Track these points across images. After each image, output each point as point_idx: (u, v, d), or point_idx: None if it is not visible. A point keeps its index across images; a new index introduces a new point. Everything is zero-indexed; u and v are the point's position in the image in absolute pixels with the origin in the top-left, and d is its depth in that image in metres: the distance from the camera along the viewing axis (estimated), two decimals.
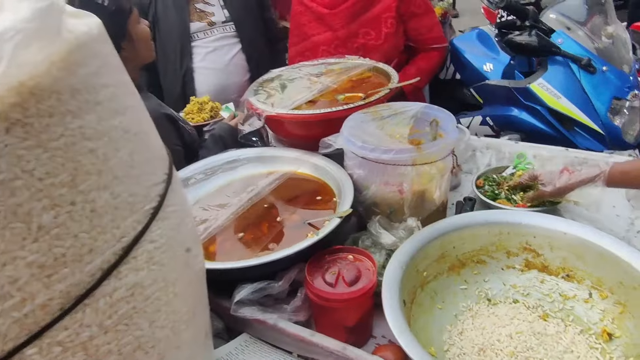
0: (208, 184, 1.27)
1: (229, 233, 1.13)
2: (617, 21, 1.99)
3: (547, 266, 1.07)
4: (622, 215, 1.26)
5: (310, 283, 0.93)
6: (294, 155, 1.31)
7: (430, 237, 1.06)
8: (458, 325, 1.00)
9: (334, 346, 0.86)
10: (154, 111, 1.38)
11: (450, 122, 1.17)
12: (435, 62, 2.02)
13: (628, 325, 0.92)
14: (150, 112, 1.41)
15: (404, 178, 1.09)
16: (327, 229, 1.01)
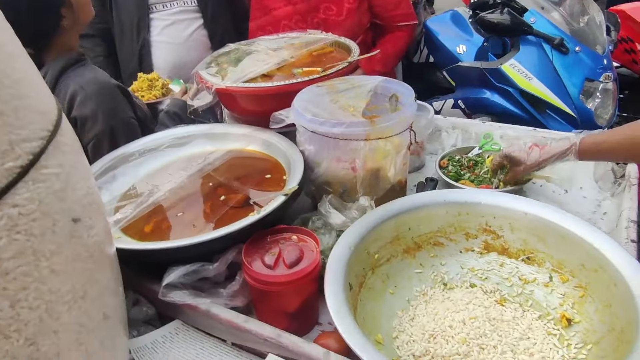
0: (153, 160, 1.17)
1: (168, 212, 1.04)
2: (593, 2, 1.94)
3: (507, 248, 1.00)
4: (589, 197, 1.21)
5: (247, 265, 0.85)
6: (244, 132, 1.22)
7: (383, 218, 0.98)
8: (410, 311, 0.93)
9: (268, 333, 0.79)
10: (105, 81, 1.31)
11: (409, 96, 1.10)
12: (403, 44, 1.93)
13: (588, 309, 0.86)
14: (101, 81, 1.35)
15: (357, 154, 1.02)
16: (269, 208, 0.93)
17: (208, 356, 0.81)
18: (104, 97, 1.26)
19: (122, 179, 1.11)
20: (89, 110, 1.25)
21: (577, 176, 1.27)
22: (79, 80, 1.26)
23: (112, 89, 1.31)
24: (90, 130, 1.28)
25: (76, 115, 1.25)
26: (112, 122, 1.24)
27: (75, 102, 1.25)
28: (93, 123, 1.27)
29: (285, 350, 0.77)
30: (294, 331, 0.89)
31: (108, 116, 1.24)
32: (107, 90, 1.29)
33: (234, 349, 0.84)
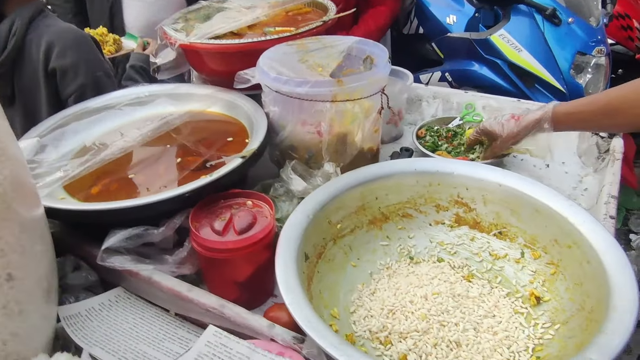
0: (109, 119, 1.10)
1: (119, 173, 0.97)
2: None
3: (479, 222, 0.94)
4: (571, 172, 1.14)
5: (194, 230, 0.79)
6: (208, 92, 1.15)
7: (348, 186, 0.92)
8: (371, 285, 0.87)
9: (211, 303, 0.73)
10: (80, 31, 1.28)
11: (383, 57, 1.02)
12: (385, 19, 1.85)
13: (559, 287, 0.81)
14: (77, 31, 1.24)
15: (322, 117, 0.95)
16: (222, 171, 0.86)
17: (147, 326, 0.75)
18: (83, 47, 1.23)
19: (73, 137, 1.03)
20: (69, 61, 1.22)
21: (560, 150, 1.20)
22: (53, 30, 1.22)
23: (88, 40, 1.28)
24: (72, 81, 1.25)
25: (55, 66, 1.23)
26: (95, 74, 1.20)
27: (52, 53, 1.22)
28: (75, 74, 1.24)
29: (228, 321, 0.71)
30: (246, 302, 0.83)
31: (90, 67, 1.20)
32: (85, 40, 1.27)
33: (177, 319, 0.78)
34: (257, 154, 0.92)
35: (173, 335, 0.74)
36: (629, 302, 0.65)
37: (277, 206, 0.95)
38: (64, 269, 0.85)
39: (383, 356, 0.75)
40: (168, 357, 0.69)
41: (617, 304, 0.65)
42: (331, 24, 1.22)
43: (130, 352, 0.70)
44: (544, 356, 0.72)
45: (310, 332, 0.63)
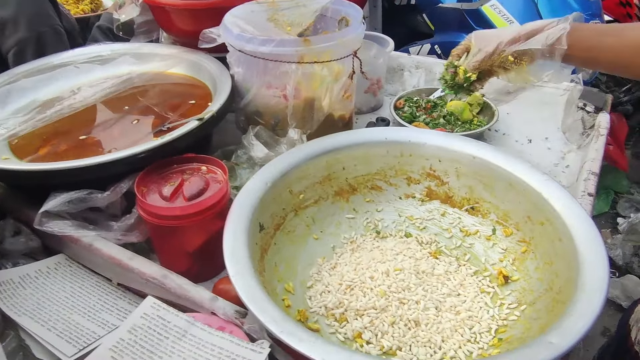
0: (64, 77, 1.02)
1: (71, 135, 0.91)
2: None
3: (452, 197, 0.89)
4: (553, 149, 1.09)
5: (139, 195, 0.73)
6: (173, 52, 1.08)
7: (312, 154, 0.86)
8: (333, 259, 0.82)
9: (152, 273, 0.67)
10: None
11: (357, 17, 0.95)
12: None
13: (529, 266, 0.76)
14: None
15: (288, 79, 0.88)
16: (176, 133, 0.80)
17: (86, 295, 0.70)
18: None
19: (21, 95, 0.96)
20: (9, 12, 1.12)
21: (543, 126, 1.15)
22: None
23: None
24: (10, 35, 1.15)
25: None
26: (38, 28, 1.10)
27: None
28: (14, 27, 1.14)
29: (169, 293, 0.66)
30: (197, 274, 0.78)
31: (32, 21, 1.11)
32: None
33: (119, 289, 0.73)
34: (216, 118, 0.86)
35: (112, 306, 0.69)
36: (597, 282, 0.60)
37: (237, 173, 0.90)
38: (3, 233, 0.80)
39: (337, 333, 0.70)
40: (102, 329, 0.65)
41: (585, 284, 0.60)
42: None
43: (62, 322, 0.65)
44: (507, 338, 0.68)
45: (251, 305, 0.58)
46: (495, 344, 0.68)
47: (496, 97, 1.21)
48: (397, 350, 0.67)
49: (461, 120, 1.14)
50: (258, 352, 0.57)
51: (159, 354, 0.59)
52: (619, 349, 0.85)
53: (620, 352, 0.85)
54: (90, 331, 0.64)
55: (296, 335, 0.55)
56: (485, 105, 1.17)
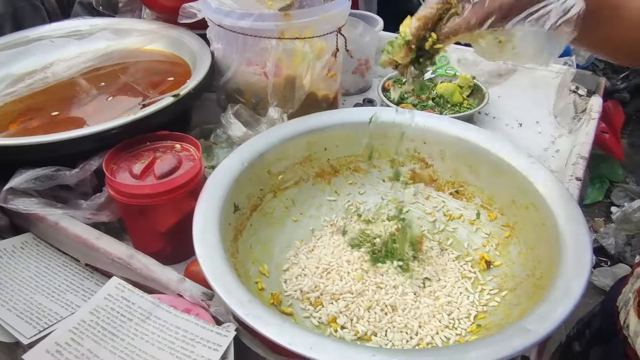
0: (39, 52, 0.99)
1: (43, 111, 0.88)
2: None
3: (436, 180, 0.86)
4: (544, 133, 1.06)
5: (107, 173, 0.70)
6: (153, 28, 1.04)
7: (293, 133, 0.83)
8: (311, 242, 0.80)
9: (118, 253, 0.65)
10: None
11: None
12: None
13: (512, 251, 0.73)
14: None
15: (268, 55, 0.85)
16: (150, 109, 0.77)
17: (51, 275, 0.68)
18: None
19: None
20: None
21: (535, 110, 1.12)
22: None
23: None
24: None
25: None
26: (14, 4, 1.06)
27: None
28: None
29: (135, 273, 0.63)
30: (171, 255, 0.76)
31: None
32: None
33: (87, 269, 0.70)
34: (193, 95, 0.83)
35: (78, 286, 0.67)
36: (579, 268, 0.58)
37: (214, 152, 0.87)
38: None
39: (311, 318, 0.68)
40: (66, 310, 0.62)
41: (566, 270, 0.58)
42: None
43: (24, 302, 0.62)
44: (486, 324, 0.65)
45: (217, 287, 0.56)
46: (473, 330, 0.65)
47: (487, 80, 1.18)
48: (372, 335, 0.65)
49: (451, 103, 1.11)
50: (223, 335, 0.55)
51: (121, 336, 0.56)
52: (604, 332, 0.83)
53: (605, 335, 0.82)
54: (52, 312, 0.62)
55: (262, 318, 0.52)
56: (475, 87, 1.14)
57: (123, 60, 0.98)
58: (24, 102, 0.89)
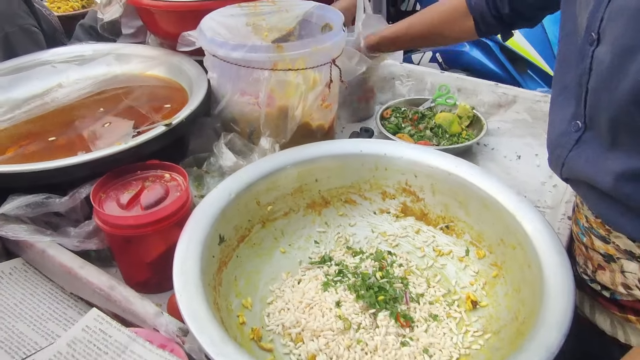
0: (40, 77, 1.01)
1: (41, 136, 0.89)
2: None
3: (427, 214, 0.86)
4: (543, 166, 1.04)
5: (94, 203, 0.71)
6: (154, 54, 1.06)
7: (283, 164, 0.83)
8: (297, 275, 0.79)
9: (99, 283, 0.65)
10: None
11: (337, 23, 0.93)
12: None
13: (498, 292, 0.72)
14: None
15: (261, 86, 0.86)
16: (141, 138, 0.78)
17: (36, 303, 0.68)
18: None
19: None
20: None
21: (535, 142, 1.11)
22: None
23: None
24: None
25: None
26: (4, 29, 1.08)
27: None
28: None
29: (115, 305, 0.64)
30: (157, 284, 0.77)
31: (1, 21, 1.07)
32: None
33: (71, 298, 0.71)
34: (186, 124, 0.84)
35: (61, 315, 0.67)
36: (560, 316, 0.56)
37: (206, 182, 0.87)
38: None
39: (291, 354, 0.67)
40: (45, 340, 0.63)
41: (547, 317, 0.57)
42: None
43: (5, 330, 0.63)
44: None
45: (191, 324, 0.55)
46: None
47: (487, 110, 1.18)
48: None
49: (449, 133, 1.11)
50: None
51: None
52: None
53: None
54: (32, 342, 0.62)
55: (232, 359, 0.52)
56: (475, 118, 1.14)
57: (123, 85, 0.99)
58: (24, 127, 0.91)
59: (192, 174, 0.87)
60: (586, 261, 0.74)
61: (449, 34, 1.02)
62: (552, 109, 0.72)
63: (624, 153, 0.59)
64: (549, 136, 0.72)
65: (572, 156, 0.66)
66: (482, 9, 0.94)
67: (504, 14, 0.92)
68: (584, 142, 0.64)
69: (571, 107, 0.66)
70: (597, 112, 0.61)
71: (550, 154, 0.72)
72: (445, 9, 1.01)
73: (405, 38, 1.07)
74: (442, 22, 1.02)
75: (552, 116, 0.72)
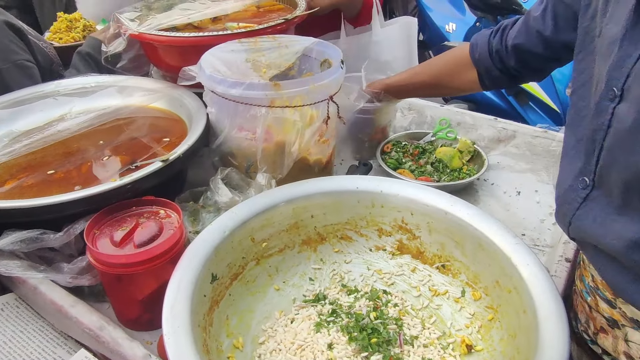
0: (42, 110, 1.03)
1: (40, 169, 0.90)
2: None
3: (423, 252, 0.85)
4: (542, 203, 1.04)
5: (87, 241, 0.71)
6: (156, 87, 1.07)
7: (278, 200, 0.83)
8: (291, 313, 0.78)
9: (89, 323, 0.65)
10: None
11: (336, 60, 0.94)
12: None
13: (494, 336, 0.71)
14: None
15: (258, 122, 0.86)
16: (136, 175, 0.78)
17: (25, 341, 0.68)
18: None
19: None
20: None
21: (534, 179, 1.10)
22: None
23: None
24: None
25: None
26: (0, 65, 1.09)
27: None
28: None
29: (102, 346, 0.63)
30: (148, 321, 0.76)
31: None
32: None
33: (61, 336, 0.70)
34: (182, 159, 0.84)
35: (49, 354, 0.67)
36: None
37: (201, 217, 0.87)
38: None
39: None
40: None
41: None
42: (297, 22, 1.13)
43: None
44: None
45: None
46: None
47: (487, 145, 1.18)
48: None
49: (450, 168, 1.10)
50: None
51: None
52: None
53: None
54: None
55: None
56: (475, 153, 1.13)
57: (124, 117, 1.00)
58: (23, 158, 0.92)
59: (188, 209, 0.87)
60: (588, 320, 0.71)
61: (453, 84, 1.01)
62: (563, 161, 0.69)
63: (637, 217, 0.56)
64: (557, 190, 0.70)
65: (580, 215, 0.63)
66: (486, 63, 0.92)
67: (510, 67, 0.89)
68: (591, 200, 0.62)
69: (580, 162, 0.63)
70: (610, 172, 0.58)
71: (557, 210, 0.69)
72: (450, 59, 1.01)
73: (409, 87, 1.07)
74: (446, 73, 1.01)
75: (562, 169, 0.69)
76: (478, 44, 0.92)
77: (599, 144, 0.58)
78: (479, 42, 0.92)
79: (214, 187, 0.87)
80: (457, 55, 0.98)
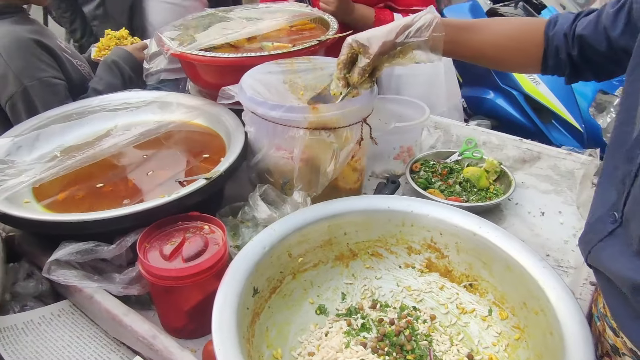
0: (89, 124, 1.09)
1: (90, 181, 0.96)
2: None
3: (451, 271, 0.89)
4: (566, 224, 1.07)
5: (140, 254, 0.76)
6: (196, 104, 1.13)
7: (314, 218, 0.87)
8: (325, 327, 0.83)
9: (143, 332, 0.70)
10: (19, 36, 1.21)
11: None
12: None
13: (520, 356, 0.74)
14: (13, 36, 1.18)
15: (296, 143, 0.91)
16: (183, 191, 0.83)
17: (82, 347, 0.73)
18: (14, 53, 1.17)
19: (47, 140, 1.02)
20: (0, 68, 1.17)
21: (558, 200, 1.13)
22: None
23: (25, 45, 1.20)
24: (3, 90, 1.20)
25: None
26: (25, 82, 1.16)
27: None
28: (4, 82, 1.19)
29: (156, 354, 0.68)
30: (193, 331, 0.81)
31: (20, 75, 1.15)
32: (18, 45, 1.20)
33: (115, 342, 0.75)
34: (224, 176, 0.89)
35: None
36: None
37: (240, 232, 0.92)
38: (16, 276, 0.84)
39: None
40: None
41: None
42: (329, 43, 1.18)
43: None
44: None
45: None
46: None
47: (511, 165, 1.21)
48: None
49: (477, 188, 1.14)
50: None
51: None
52: None
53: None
54: None
55: None
56: (502, 173, 1.17)
57: (166, 134, 1.06)
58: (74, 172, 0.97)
59: (228, 224, 0.92)
60: (597, 343, 0.74)
61: (516, 56, 0.88)
62: (599, 187, 0.69)
63: None
64: (590, 214, 0.70)
65: (601, 246, 0.65)
66: (558, 42, 0.83)
67: (573, 55, 0.82)
68: (615, 236, 0.63)
69: (614, 195, 0.63)
70: (633, 219, 0.59)
71: (583, 234, 0.70)
72: (522, 25, 0.89)
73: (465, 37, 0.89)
74: (516, 39, 0.88)
75: (597, 195, 0.69)
76: (558, 22, 0.84)
77: (627, 188, 0.59)
78: (560, 20, 0.84)
79: (252, 204, 0.91)
80: (530, 25, 0.87)
